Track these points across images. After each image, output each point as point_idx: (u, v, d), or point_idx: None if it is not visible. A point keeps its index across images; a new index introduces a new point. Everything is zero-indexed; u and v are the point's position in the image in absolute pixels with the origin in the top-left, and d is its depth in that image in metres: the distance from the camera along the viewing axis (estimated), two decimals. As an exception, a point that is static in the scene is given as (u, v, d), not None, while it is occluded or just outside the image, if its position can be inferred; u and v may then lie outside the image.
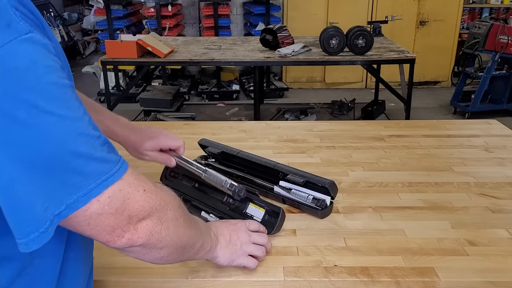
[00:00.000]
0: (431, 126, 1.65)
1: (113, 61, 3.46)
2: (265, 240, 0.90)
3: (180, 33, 5.44)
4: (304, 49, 3.47)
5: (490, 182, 1.24)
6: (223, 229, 0.85)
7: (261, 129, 1.63)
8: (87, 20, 6.27)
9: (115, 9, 5.06)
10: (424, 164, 1.35)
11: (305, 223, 1.05)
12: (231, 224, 0.88)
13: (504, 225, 1.04)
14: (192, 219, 0.73)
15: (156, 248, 0.63)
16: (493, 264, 0.92)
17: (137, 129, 1.04)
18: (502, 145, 1.48)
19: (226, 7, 5.20)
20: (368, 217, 1.08)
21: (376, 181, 1.24)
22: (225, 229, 0.86)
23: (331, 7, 5.27)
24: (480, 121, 1.72)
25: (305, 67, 5.30)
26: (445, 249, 0.96)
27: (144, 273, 0.88)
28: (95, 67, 5.42)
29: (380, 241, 0.99)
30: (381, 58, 3.41)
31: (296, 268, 0.90)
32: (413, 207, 1.12)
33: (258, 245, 0.88)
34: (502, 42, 4.17)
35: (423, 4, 5.30)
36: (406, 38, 5.21)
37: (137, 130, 1.04)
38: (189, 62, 3.58)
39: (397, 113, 4.41)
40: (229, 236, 0.85)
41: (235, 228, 0.87)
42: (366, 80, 5.55)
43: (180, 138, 1.05)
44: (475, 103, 4.40)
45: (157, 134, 1.04)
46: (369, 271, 0.89)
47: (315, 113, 4.35)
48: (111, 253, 0.66)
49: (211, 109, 4.65)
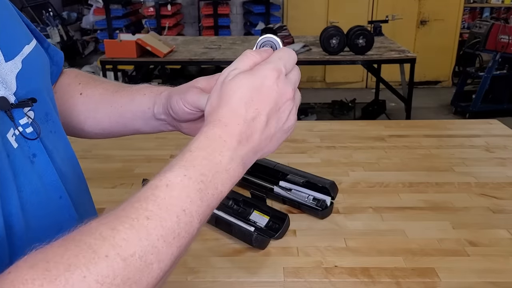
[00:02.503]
0: (432, 126, 1.65)
1: (113, 61, 3.45)
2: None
3: (180, 33, 5.43)
4: (304, 48, 3.46)
5: (491, 182, 1.23)
6: (226, 120, 0.44)
7: (261, 129, 1.62)
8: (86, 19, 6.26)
9: (114, 9, 5.05)
10: (425, 164, 1.34)
11: (305, 223, 1.05)
12: (247, 92, 0.45)
13: (505, 225, 1.04)
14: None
15: None
16: (494, 264, 0.91)
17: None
18: (503, 145, 1.48)
19: (225, 6, 5.20)
20: (369, 217, 1.07)
21: (376, 181, 1.24)
22: (232, 119, 0.44)
23: (332, 7, 5.27)
24: (481, 121, 1.72)
25: (305, 67, 5.28)
26: (446, 249, 0.96)
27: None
28: (94, 67, 5.41)
29: (381, 241, 0.98)
30: (382, 58, 3.40)
31: (296, 269, 0.89)
32: (414, 207, 1.12)
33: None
34: (503, 42, 4.16)
35: (423, 3, 5.29)
36: (406, 38, 5.20)
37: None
38: (188, 62, 3.57)
39: (398, 113, 4.40)
40: (247, 129, 0.44)
41: (260, 105, 0.45)
42: (366, 80, 5.55)
43: None
44: (476, 103, 4.39)
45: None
46: (370, 272, 0.89)
47: (315, 113, 4.35)
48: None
49: (211, 109, 4.64)
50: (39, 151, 0.50)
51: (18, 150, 0.47)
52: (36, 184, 0.49)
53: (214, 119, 0.44)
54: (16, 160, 0.46)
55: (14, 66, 0.50)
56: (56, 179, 0.52)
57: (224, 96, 0.45)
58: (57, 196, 0.52)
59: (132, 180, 1.22)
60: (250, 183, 1.17)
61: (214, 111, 0.45)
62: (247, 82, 0.45)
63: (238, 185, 1.21)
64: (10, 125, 0.46)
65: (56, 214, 0.52)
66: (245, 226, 0.97)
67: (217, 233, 1.02)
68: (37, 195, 0.49)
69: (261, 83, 0.45)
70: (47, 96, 0.55)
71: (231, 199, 1.06)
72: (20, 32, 0.54)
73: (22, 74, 0.50)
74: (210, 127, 0.44)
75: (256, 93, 0.45)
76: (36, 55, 0.55)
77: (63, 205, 0.53)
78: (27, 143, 0.49)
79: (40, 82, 0.55)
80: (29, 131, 0.49)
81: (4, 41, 0.49)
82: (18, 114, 0.48)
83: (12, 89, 0.48)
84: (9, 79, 0.48)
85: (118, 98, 0.65)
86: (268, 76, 0.45)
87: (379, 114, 4.30)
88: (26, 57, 0.52)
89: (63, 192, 0.53)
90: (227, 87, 0.46)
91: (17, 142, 0.47)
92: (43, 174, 0.50)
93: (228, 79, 0.47)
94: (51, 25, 5.71)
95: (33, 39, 0.56)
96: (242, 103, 0.44)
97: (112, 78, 4.40)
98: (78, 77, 0.69)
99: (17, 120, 0.48)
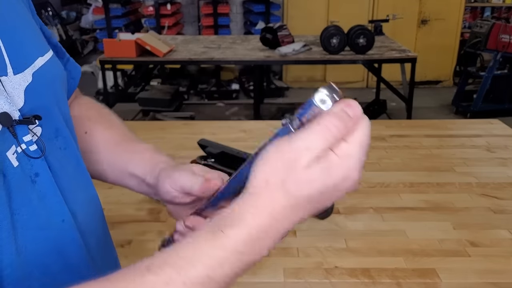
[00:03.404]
0: (433, 126, 1.64)
1: (112, 60, 3.44)
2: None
3: (179, 32, 5.43)
4: (304, 48, 3.46)
5: (492, 183, 1.23)
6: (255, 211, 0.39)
7: (261, 129, 1.62)
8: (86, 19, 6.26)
9: (113, 8, 5.04)
10: (426, 164, 1.34)
11: (306, 223, 1.04)
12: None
13: (506, 225, 1.03)
14: None
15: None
16: (494, 265, 0.91)
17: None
18: (504, 145, 1.47)
19: (225, 5, 5.19)
20: (369, 217, 1.07)
21: (377, 181, 1.23)
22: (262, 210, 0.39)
23: (332, 6, 5.26)
24: (482, 121, 1.71)
25: (306, 66, 5.28)
26: (447, 250, 0.95)
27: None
28: (94, 66, 5.41)
29: (381, 242, 0.98)
30: (383, 57, 3.40)
31: (296, 270, 0.89)
32: (415, 207, 1.11)
33: None
34: (504, 41, 4.15)
35: (424, 3, 5.28)
36: (407, 37, 5.19)
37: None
38: (188, 61, 3.57)
39: (399, 112, 4.39)
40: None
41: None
42: (367, 80, 5.54)
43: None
44: (477, 102, 4.38)
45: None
46: (370, 273, 0.88)
47: (315, 113, 4.34)
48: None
49: (211, 109, 4.64)
50: (43, 170, 0.47)
51: (18, 169, 0.45)
52: (35, 205, 0.47)
53: (266, 206, 0.38)
54: (14, 179, 0.44)
55: (23, 79, 0.47)
56: (59, 201, 0.49)
57: (291, 188, 0.38)
58: (59, 219, 0.49)
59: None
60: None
61: (270, 193, 0.38)
62: (319, 186, 0.38)
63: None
64: (12, 142, 0.44)
65: (56, 238, 0.49)
66: None
67: (216, 234, 1.01)
68: (37, 217, 0.47)
69: (334, 188, 0.39)
70: (59, 111, 0.53)
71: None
72: (33, 42, 0.52)
73: (31, 87, 0.48)
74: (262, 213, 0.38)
75: (324, 197, 0.39)
76: (50, 67, 0.52)
77: (66, 228, 0.50)
78: (30, 162, 0.46)
79: (51, 96, 0.52)
80: (33, 149, 0.46)
81: (14, 53, 0.47)
82: (22, 130, 0.45)
83: (18, 103, 0.46)
84: (17, 93, 0.46)
85: (120, 153, 0.64)
86: (350, 179, 0.39)
87: (379, 114, 4.29)
88: (38, 70, 0.49)
89: (66, 215, 0.50)
90: (299, 178, 0.38)
91: (18, 161, 0.45)
92: (44, 195, 0.48)
93: (302, 164, 0.37)
94: (50, 25, 5.71)
95: (49, 50, 0.53)
96: (305, 204, 0.39)
97: (111, 78, 4.40)
98: (89, 112, 0.67)
99: (21, 137, 0.45)
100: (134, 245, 0.98)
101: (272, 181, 0.38)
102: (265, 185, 0.38)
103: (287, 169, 0.38)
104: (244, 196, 0.39)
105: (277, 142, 0.39)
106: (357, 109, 0.38)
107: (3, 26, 0.47)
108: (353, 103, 0.38)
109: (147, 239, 1.00)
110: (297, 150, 0.38)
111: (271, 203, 0.38)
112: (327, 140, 0.38)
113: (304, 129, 0.38)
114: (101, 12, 5.11)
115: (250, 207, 0.38)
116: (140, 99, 4.37)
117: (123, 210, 1.12)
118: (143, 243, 0.99)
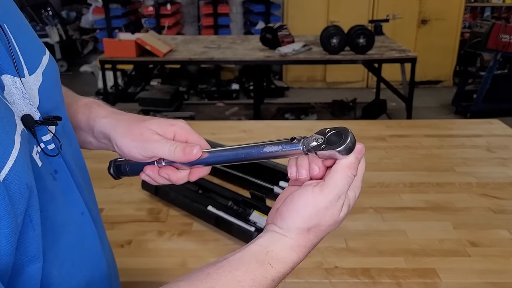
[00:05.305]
0: (433, 126, 1.64)
1: (112, 60, 3.44)
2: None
3: (179, 32, 5.43)
4: (304, 48, 3.46)
5: (492, 183, 1.22)
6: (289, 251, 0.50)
7: (261, 129, 1.62)
8: (86, 18, 6.25)
9: (113, 8, 5.04)
10: (426, 164, 1.34)
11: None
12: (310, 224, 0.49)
13: (506, 225, 1.03)
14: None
15: None
16: (495, 265, 0.91)
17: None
18: (504, 145, 1.47)
19: (225, 5, 5.19)
20: (369, 217, 1.07)
21: (377, 181, 1.23)
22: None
23: (332, 6, 5.26)
24: (482, 121, 1.71)
25: (306, 66, 5.28)
26: (447, 250, 0.95)
27: (142, 275, 0.87)
28: (94, 66, 5.41)
29: (381, 242, 0.98)
30: (382, 57, 3.40)
31: (296, 269, 0.88)
32: (415, 207, 1.11)
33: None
34: (504, 41, 4.15)
35: (424, 2, 5.28)
36: (407, 37, 5.19)
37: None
38: (188, 61, 3.57)
39: (399, 112, 4.39)
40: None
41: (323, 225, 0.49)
42: (367, 80, 5.54)
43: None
44: (477, 102, 4.38)
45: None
46: (370, 272, 0.88)
47: (315, 113, 4.34)
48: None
49: (211, 109, 4.64)
50: (60, 167, 0.49)
51: (42, 169, 0.45)
52: (59, 201, 0.48)
53: (299, 243, 0.50)
54: (40, 179, 0.44)
55: (37, 79, 0.47)
56: (77, 195, 0.51)
57: (325, 229, 0.50)
58: (79, 212, 0.51)
59: (131, 180, 1.22)
60: (250, 183, 1.17)
61: (310, 237, 0.50)
62: (343, 216, 0.50)
63: (237, 185, 1.20)
64: (33, 142, 0.45)
65: (79, 231, 0.51)
66: (245, 226, 0.96)
67: (217, 234, 1.01)
68: (61, 212, 0.48)
69: (334, 222, 0.50)
70: (64, 107, 0.53)
71: (231, 199, 1.05)
72: (36, 41, 0.52)
73: (43, 87, 0.48)
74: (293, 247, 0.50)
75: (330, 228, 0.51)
76: (52, 64, 0.53)
77: (85, 221, 0.52)
78: (49, 160, 0.47)
79: (58, 94, 0.53)
80: (51, 148, 0.47)
81: (27, 53, 0.47)
82: (41, 131, 0.46)
83: (35, 103, 0.46)
84: (33, 93, 0.46)
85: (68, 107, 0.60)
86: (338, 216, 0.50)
87: (379, 114, 4.29)
88: (45, 69, 0.50)
89: (84, 208, 0.52)
90: (333, 220, 0.49)
91: (40, 160, 0.45)
92: (65, 190, 0.49)
93: (336, 210, 0.49)
94: (50, 24, 5.70)
95: (45, 48, 0.54)
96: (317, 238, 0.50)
97: (111, 78, 4.40)
98: None
99: (40, 137, 0.46)
100: (134, 245, 0.98)
101: (312, 230, 0.49)
102: (307, 233, 0.49)
103: (323, 216, 0.48)
104: (289, 241, 0.49)
105: (312, 193, 0.48)
106: (363, 151, 0.54)
107: (14, 27, 0.46)
108: (362, 148, 0.54)
109: (147, 239, 1.00)
110: (331, 202, 0.48)
111: (309, 243, 0.49)
112: (349, 185, 0.49)
113: (332, 180, 0.48)
114: (101, 12, 5.11)
115: (296, 247, 0.49)
116: (140, 99, 4.37)
117: (123, 210, 1.12)
118: (143, 243, 0.99)
